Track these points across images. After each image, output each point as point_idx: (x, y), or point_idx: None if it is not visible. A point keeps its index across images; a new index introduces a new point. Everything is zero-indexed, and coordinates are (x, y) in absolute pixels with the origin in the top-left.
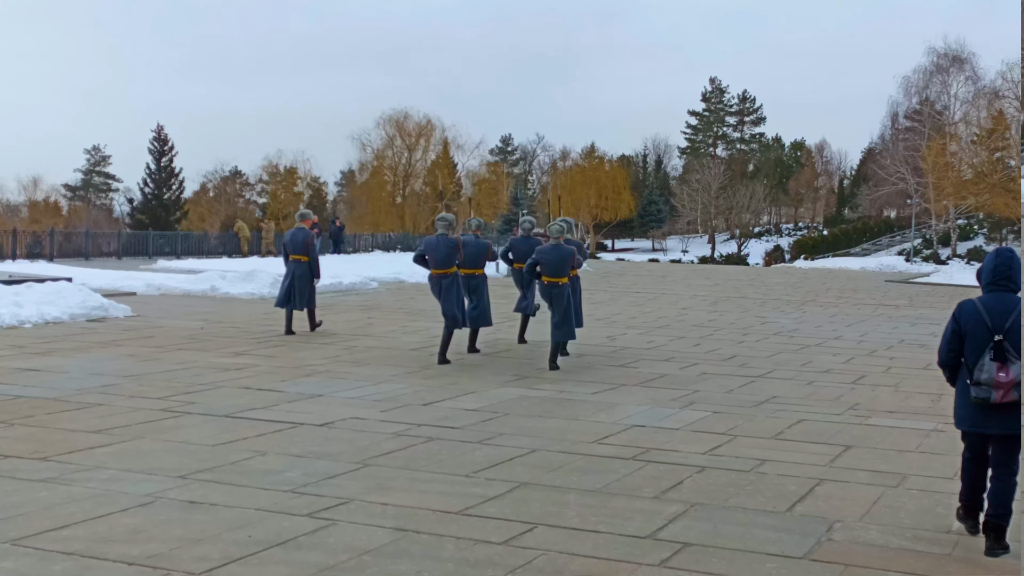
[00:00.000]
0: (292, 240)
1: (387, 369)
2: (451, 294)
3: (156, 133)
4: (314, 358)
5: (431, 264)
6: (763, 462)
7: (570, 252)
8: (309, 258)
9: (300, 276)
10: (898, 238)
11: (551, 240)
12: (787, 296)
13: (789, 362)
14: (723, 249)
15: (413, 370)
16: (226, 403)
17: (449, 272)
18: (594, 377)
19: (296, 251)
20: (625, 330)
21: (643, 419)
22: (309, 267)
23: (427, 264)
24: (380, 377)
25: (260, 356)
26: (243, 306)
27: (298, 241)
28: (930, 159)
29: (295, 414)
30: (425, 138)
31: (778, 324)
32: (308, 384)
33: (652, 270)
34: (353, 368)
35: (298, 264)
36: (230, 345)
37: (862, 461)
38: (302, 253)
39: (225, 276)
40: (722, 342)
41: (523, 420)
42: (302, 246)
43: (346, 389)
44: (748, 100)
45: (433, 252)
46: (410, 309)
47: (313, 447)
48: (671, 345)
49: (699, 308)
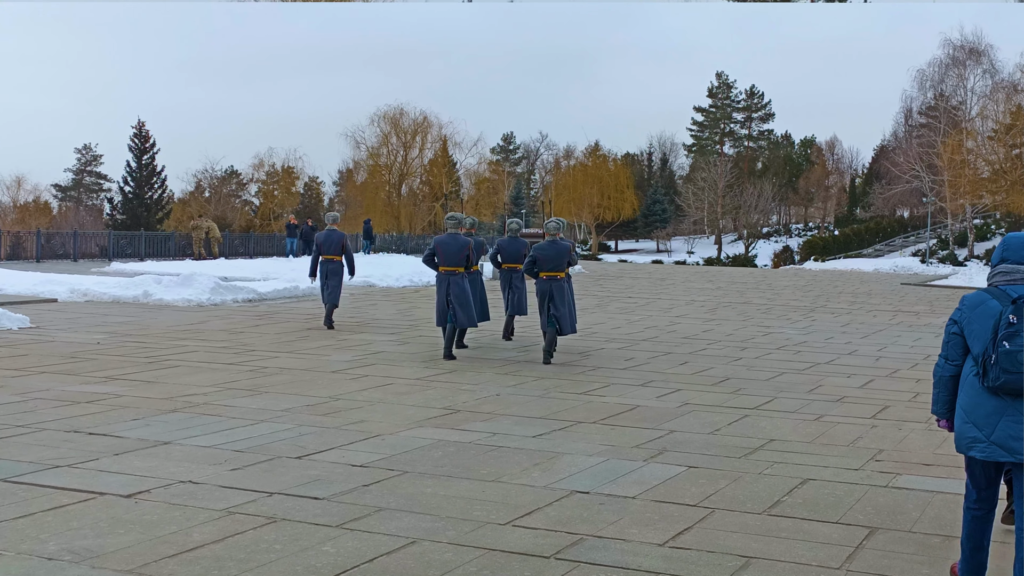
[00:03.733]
0: (327, 241)
1: (285, 399)
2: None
3: (137, 130)
4: (202, 383)
5: (440, 261)
6: (748, 562)
7: (566, 248)
8: (345, 257)
9: (334, 274)
10: (912, 238)
11: (548, 236)
12: (795, 301)
13: (793, 386)
14: (730, 250)
15: (316, 402)
16: (29, 455)
17: (458, 270)
18: (544, 410)
19: (330, 251)
20: (603, 344)
21: (589, 480)
22: (342, 266)
23: (435, 264)
24: (267, 412)
25: (135, 382)
26: (172, 315)
27: (332, 242)
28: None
29: (105, 476)
30: (421, 135)
31: (783, 335)
32: (163, 424)
33: (652, 272)
34: (240, 399)
35: (330, 263)
36: (112, 367)
37: (894, 558)
38: (335, 253)
39: (160, 281)
40: (715, 359)
41: (422, 484)
42: (337, 246)
43: (209, 432)
44: (756, 96)
45: (443, 250)
46: (363, 318)
47: (85, 539)
48: (653, 364)
49: (694, 316)
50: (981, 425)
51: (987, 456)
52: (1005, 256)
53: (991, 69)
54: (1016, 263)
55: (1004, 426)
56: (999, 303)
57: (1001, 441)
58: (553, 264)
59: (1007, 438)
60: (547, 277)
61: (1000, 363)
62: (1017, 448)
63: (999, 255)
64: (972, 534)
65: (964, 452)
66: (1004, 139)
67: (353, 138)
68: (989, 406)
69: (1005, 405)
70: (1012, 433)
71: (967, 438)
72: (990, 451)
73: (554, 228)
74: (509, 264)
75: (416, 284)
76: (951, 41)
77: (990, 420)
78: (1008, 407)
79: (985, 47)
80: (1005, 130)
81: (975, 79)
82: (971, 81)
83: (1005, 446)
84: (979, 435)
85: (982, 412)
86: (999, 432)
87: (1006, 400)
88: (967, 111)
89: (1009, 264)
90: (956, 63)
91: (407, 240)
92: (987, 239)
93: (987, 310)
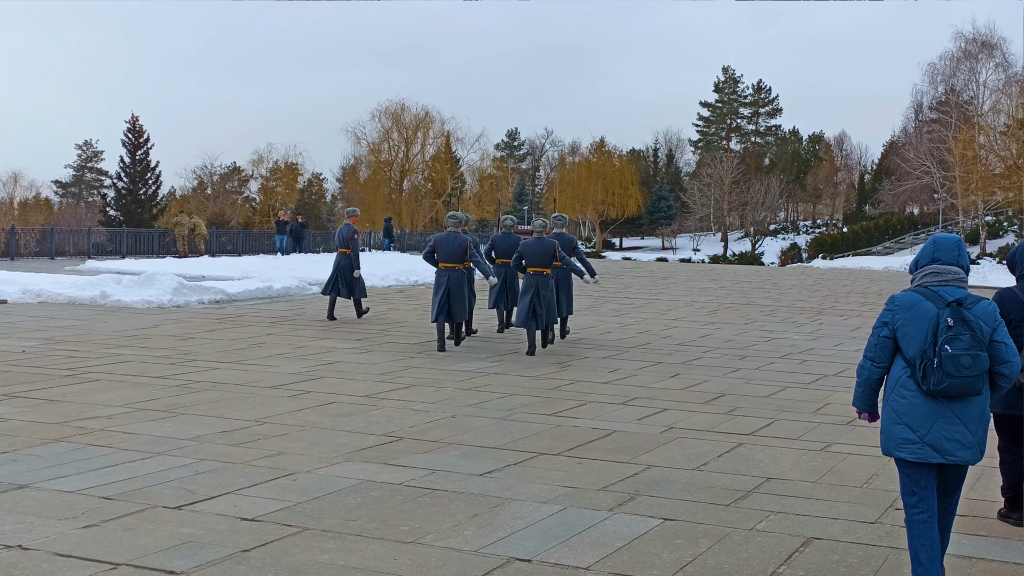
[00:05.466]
0: (339, 235)
1: (199, 424)
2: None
3: (130, 124)
4: (113, 402)
5: (440, 257)
6: None
7: (551, 244)
8: (350, 251)
9: (345, 267)
10: (922, 235)
11: (534, 234)
12: (801, 302)
13: (797, 405)
14: (736, 247)
15: (236, 427)
16: None
17: (457, 267)
18: (501, 437)
19: (342, 244)
20: (588, 351)
21: (536, 540)
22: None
23: (435, 260)
24: (169, 442)
25: (36, 401)
26: (125, 319)
27: (343, 235)
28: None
29: None
30: (423, 131)
31: (788, 341)
32: (32, 460)
33: (655, 270)
34: (147, 424)
35: (343, 256)
36: (21, 381)
37: None
38: (344, 246)
39: (120, 281)
40: (710, 371)
41: (320, 547)
42: (345, 240)
43: (85, 470)
44: (763, 90)
45: (443, 247)
46: (331, 323)
47: None
48: (640, 377)
49: (693, 319)
50: (916, 427)
51: (918, 458)
52: (936, 256)
53: (1004, 63)
54: (947, 263)
55: (939, 427)
56: (933, 305)
57: (935, 442)
58: (537, 260)
59: (941, 439)
60: (533, 272)
61: (944, 367)
62: (950, 449)
63: (929, 255)
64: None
65: (892, 453)
66: (1017, 134)
67: (354, 133)
68: (925, 408)
69: (941, 408)
70: (947, 435)
71: (898, 439)
72: (922, 452)
73: (540, 226)
74: (503, 259)
75: (402, 284)
76: (963, 34)
77: (925, 422)
78: (944, 410)
79: (998, 40)
80: (1019, 125)
81: (987, 73)
82: (983, 75)
83: (939, 447)
84: (912, 436)
85: (918, 414)
86: (933, 433)
87: (942, 403)
88: (979, 106)
89: (940, 264)
90: (968, 56)
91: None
92: (999, 236)
93: (921, 312)
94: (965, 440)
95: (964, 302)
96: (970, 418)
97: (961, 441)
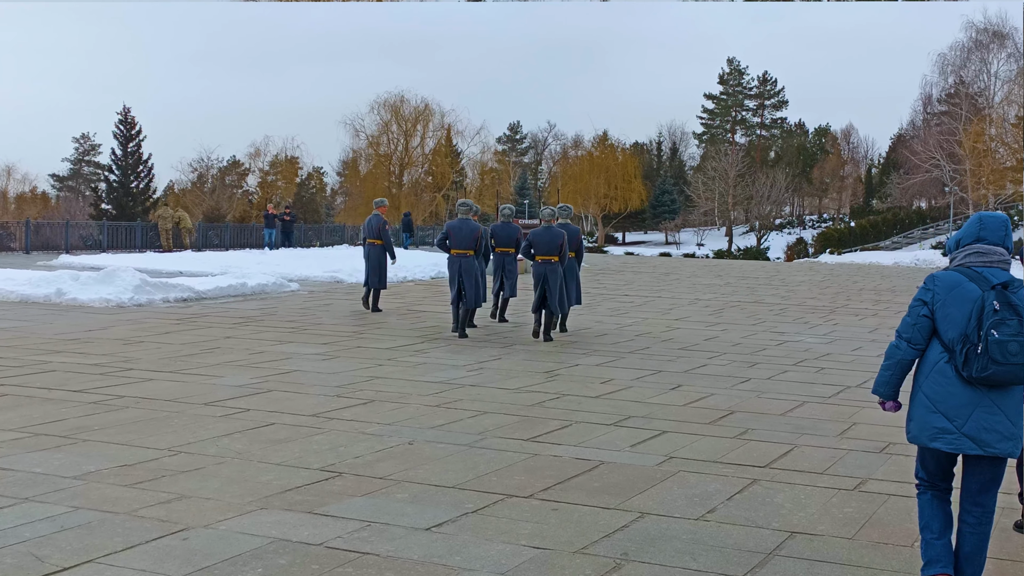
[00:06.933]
0: (368, 225)
1: (98, 455)
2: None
3: (122, 116)
4: (8, 425)
5: (452, 244)
6: None
7: (560, 234)
8: (383, 241)
9: (375, 257)
10: (931, 230)
11: (543, 223)
12: (812, 300)
13: (819, 426)
14: (741, 242)
15: (141, 459)
16: None
17: (469, 253)
18: (464, 472)
19: (371, 235)
20: (580, 358)
21: None
22: (383, 249)
23: (447, 247)
24: (49, 481)
25: None
26: (75, 319)
27: (372, 226)
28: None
29: None
30: (423, 124)
31: (801, 344)
32: None
33: (657, 266)
34: (35, 454)
35: (373, 247)
36: None
37: None
38: (376, 237)
39: (78, 278)
40: (716, 381)
41: None
42: (376, 230)
43: None
44: (769, 82)
45: (455, 234)
46: (303, 323)
47: None
48: (635, 390)
49: (697, 319)
50: (952, 416)
51: (954, 448)
52: (982, 235)
53: (1016, 53)
54: (993, 244)
55: (978, 417)
56: (978, 287)
57: (973, 433)
58: (546, 248)
59: (980, 430)
60: (542, 260)
61: (990, 353)
62: (989, 440)
63: (974, 234)
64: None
65: (926, 443)
66: None
67: (352, 126)
68: (963, 396)
69: (980, 396)
70: (986, 425)
71: (933, 429)
72: (959, 443)
73: (548, 215)
74: (502, 248)
75: (390, 280)
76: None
77: (963, 411)
78: (983, 398)
79: (1010, 30)
80: None
81: (999, 63)
82: (995, 66)
83: (977, 438)
84: (949, 426)
85: (955, 402)
86: (972, 423)
87: (981, 391)
88: (990, 97)
89: (986, 244)
90: (979, 47)
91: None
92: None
93: (963, 293)
94: (1006, 431)
95: (1010, 285)
96: (1011, 407)
97: (1002, 432)
